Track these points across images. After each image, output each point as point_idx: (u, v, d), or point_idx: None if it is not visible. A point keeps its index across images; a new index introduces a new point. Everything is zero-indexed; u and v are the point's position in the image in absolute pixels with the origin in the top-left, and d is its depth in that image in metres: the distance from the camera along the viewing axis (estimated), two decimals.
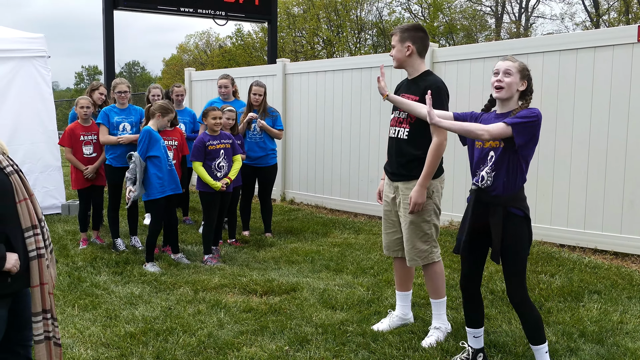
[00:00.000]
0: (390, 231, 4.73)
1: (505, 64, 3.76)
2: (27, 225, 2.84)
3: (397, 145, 4.56)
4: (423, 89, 4.38)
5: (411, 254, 4.52)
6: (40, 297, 2.89)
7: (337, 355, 4.22)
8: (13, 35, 9.31)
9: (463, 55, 8.27)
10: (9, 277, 2.78)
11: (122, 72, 72.43)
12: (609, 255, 6.81)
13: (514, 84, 3.74)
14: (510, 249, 3.73)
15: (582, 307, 5.12)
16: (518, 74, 3.75)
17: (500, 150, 3.73)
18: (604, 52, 6.89)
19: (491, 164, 3.76)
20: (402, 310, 4.82)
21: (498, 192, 3.74)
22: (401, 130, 4.53)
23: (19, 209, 2.83)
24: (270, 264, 6.66)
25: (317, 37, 38.92)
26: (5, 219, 2.77)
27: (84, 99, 7.42)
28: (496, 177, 3.74)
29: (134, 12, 12.90)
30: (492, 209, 3.75)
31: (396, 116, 4.59)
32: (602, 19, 34.47)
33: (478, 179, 3.82)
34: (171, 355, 4.21)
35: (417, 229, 4.47)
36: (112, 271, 6.32)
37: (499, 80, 3.74)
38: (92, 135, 7.30)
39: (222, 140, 6.76)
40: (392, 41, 4.55)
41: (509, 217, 3.73)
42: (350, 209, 9.77)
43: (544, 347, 3.81)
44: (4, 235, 2.77)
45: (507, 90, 3.73)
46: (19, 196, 2.83)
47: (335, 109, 9.98)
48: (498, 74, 3.75)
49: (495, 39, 35.06)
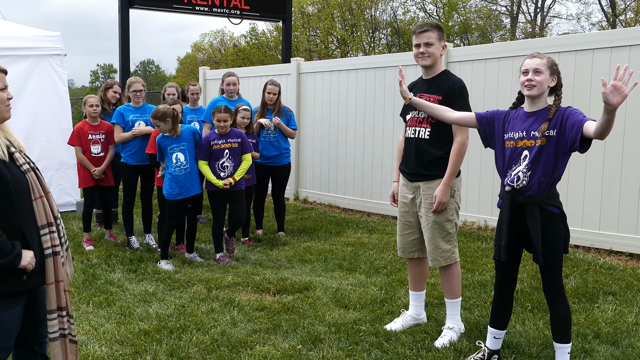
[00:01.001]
0: (407, 232, 4.71)
1: (534, 62, 3.70)
2: (42, 222, 2.85)
3: (417, 145, 4.52)
4: (446, 89, 4.40)
5: (434, 254, 4.50)
6: (55, 295, 2.90)
7: (350, 355, 4.22)
8: (30, 34, 9.39)
9: (478, 55, 8.24)
10: (24, 275, 2.79)
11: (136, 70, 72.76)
12: (624, 256, 6.76)
13: (545, 81, 3.70)
14: (551, 248, 3.70)
15: (597, 309, 5.08)
16: (548, 70, 3.71)
17: (537, 149, 3.68)
18: (620, 52, 6.84)
19: (526, 163, 3.71)
20: (416, 310, 4.81)
21: (533, 192, 3.70)
22: (422, 130, 4.50)
23: (34, 206, 2.83)
24: (283, 262, 6.67)
25: (332, 37, 38.86)
26: (21, 216, 2.78)
27: (93, 97, 7.43)
28: (532, 176, 3.70)
29: (150, 10, 12.95)
30: (529, 209, 3.70)
31: (415, 116, 4.55)
32: (618, 19, 34.18)
33: (512, 179, 3.77)
34: (185, 353, 4.23)
35: (440, 229, 4.46)
36: (126, 269, 6.36)
37: (529, 80, 3.69)
38: (100, 134, 7.29)
39: (228, 139, 6.71)
40: (424, 39, 4.41)
41: (546, 216, 3.69)
42: (363, 208, 9.76)
43: (568, 347, 3.81)
44: (20, 233, 2.77)
45: (538, 88, 3.69)
46: (34, 194, 2.84)
47: (349, 109, 9.97)
48: (528, 73, 3.70)
49: (510, 39, 34.87)
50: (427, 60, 4.47)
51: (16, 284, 2.78)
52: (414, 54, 4.53)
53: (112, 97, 8.14)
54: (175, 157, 6.55)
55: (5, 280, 2.75)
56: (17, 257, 2.72)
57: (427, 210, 4.49)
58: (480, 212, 8.22)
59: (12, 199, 2.74)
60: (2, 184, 2.71)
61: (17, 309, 2.84)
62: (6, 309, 2.78)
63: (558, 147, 3.64)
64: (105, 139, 7.31)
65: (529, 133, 3.72)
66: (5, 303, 2.78)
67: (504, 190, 3.86)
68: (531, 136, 3.71)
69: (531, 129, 3.71)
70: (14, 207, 2.75)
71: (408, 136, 4.61)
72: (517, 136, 3.77)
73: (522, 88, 3.76)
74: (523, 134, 3.75)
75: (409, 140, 4.60)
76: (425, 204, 4.50)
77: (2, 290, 2.76)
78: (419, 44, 4.45)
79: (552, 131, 3.64)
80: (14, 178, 2.76)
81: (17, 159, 2.85)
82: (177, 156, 6.55)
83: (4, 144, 2.81)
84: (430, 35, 4.41)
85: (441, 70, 4.55)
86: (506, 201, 3.80)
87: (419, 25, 4.50)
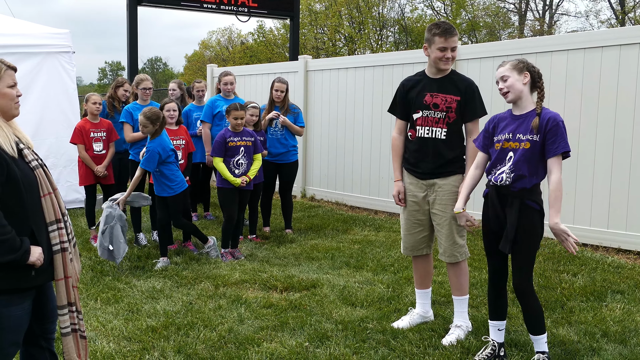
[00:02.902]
0: (417, 230, 4.67)
1: (499, 72, 3.92)
2: (51, 219, 2.87)
3: (434, 146, 4.47)
4: (464, 89, 4.42)
5: (451, 249, 4.51)
6: (65, 291, 2.92)
7: (357, 352, 4.22)
8: (39, 31, 9.43)
9: (486, 53, 8.21)
10: (33, 271, 2.80)
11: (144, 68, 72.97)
12: (633, 255, 6.73)
13: (515, 82, 3.85)
14: (524, 240, 3.84)
15: (605, 307, 5.07)
16: (514, 71, 3.86)
17: (521, 151, 3.81)
18: (630, 50, 6.80)
19: (511, 165, 3.86)
20: (423, 308, 4.80)
21: (515, 189, 3.84)
22: (437, 131, 4.46)
23: (43, 203, 2.85)
24: (290, 260, 6.67)
25: (339, 34, 38.85)
26: (30, 213, 2.79)
27: (95, 95, 7.44)
28: (515, 177, 3.84)
29: (158, 8, 12.97)
30: (510, 200, 3.85)
31: (430, 116, 4.47)
32: (627, 16, 34.01)
33: (497, 179, 3.91)
34: (192, 350, 4.24)
35: (457, 225, 4.46)
36: (134, 265, 6.38)
37: (500, 89, 3.90)
38: (102, 132, 7.30)
39: (243, 137, 6.77)
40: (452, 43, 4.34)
41: (525, 209, 3.83)
42: (370, 206, 9.75)
43: (544, 337, 3.95)
44: (28, 229, 2.78)
45: (512, 92, 3.86)
46: (43, 190, 2.85)
47: (356, 106, 9.96)
48: (498, 83, 3.91)
49: (518, 37, 34.77)
50: (450, 64, 4.44)
51: (25, 280, 2.80)
52: (437, 56, 4.38)
53: (122, 96, 8.15)
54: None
55: (14, 276, 2.76)
56: (26, 253, 2.73)
57: (444, 207, 4.48)
58: None
59: (21, 196, 2.76)
60: (11, 181, 2.72)
61: (25, 305, 2.85)
62: (15, 304, 2.80)
63: (540, 151, 3.80)
64: (107, 136, 7.33)
65: (515, 135, 3.87)
66: (14, 299, 2.79)
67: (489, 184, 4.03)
68: (516, 138, 3.86)
69: (517, 132, 3.86)
70: (23, 204, 2.76)
71: (421, 136, 4.52)
72: (504, 138, 3.92)
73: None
74: (510, 135, 3.89)
75: (423, 140, 4.52)
76: (443, 199, 4.48)
77: (11, 286, 2.77)
78: (446, 48, 4.36)
79: (536, 136, 3.79)
80: (23, 174, 2.77)
81: (25, 155, 2.86)
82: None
83: (12, 140, 2.82)
84: (456, 40, 4.40)
85: (449, 69, 4.53)
86: (490, 193, 3.98)
87: (448, 29, 4.37)
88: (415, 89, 4.56)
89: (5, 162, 2.71)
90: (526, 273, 3.88)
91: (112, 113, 7.96)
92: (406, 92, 4.62)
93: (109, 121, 7.47)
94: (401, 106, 4.66)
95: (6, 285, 2.76)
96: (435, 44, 4.38)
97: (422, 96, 4.50)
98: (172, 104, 7.00)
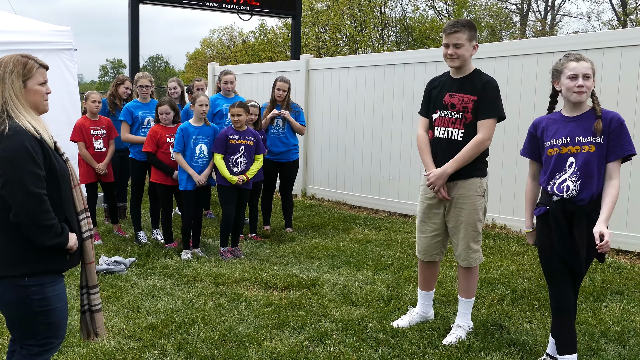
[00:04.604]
0: (432, 234, 4.58)
1: (582, 67, 3.58)
2: (80, 208, 3.06)
3: (450, 146, 4.38)
4: (480, 88, 4.31)
5: (465, 254, 4.43)
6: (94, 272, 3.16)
7: (357, 351, 4.23)
8: (41, 28, 9.42)
9: (488, 54, 8.21)
10: (68, 255, 2.97)
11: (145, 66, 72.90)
12: (632, 255, 6.74)
13: (592, 85, 3.61)
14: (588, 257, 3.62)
15: (605, 308, 5.07)
16: (594, 75, 3.62)
17: (585, 156, 3.56)
18: (630, 51, 6.81)
19: (574, 171, 3.60)
20: (424, 309, 4.79)
21: (584, 202, 3.58)
22: (454, 131, 4.38)
23: (74, 193, 3.04)
24: (290, 259, 6.68)
25: (341, 34, 38.83)
26: (65, 202, 2.96)
27: (95, 93, 7.44)
28: (582, 185, 3.57)
29: (159, 6, 12.98)
30: (577, 219, 3.58)
31: (447, 116, 4.40)
32: (629, 18, 33.99)
33: (560, 189, 3.63)
34: (192, 348, 4.24)
35: (473, 229, 4.40)
36: (134, 263, 6.39)
37: (580, 86, 3.57)
38: (101, 129, 7.30)
39: (245, 136, 6.77)
40: (453, 39, 4.29)
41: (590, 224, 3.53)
42: (371, 205, 9.76)
43: None
44: (63, 217, 2.95)
45: (588, 93, 3.60)
46: (74, 181, 3.05)
47: (357, 106, 9.97)
48: (577, 78, 3.58)
49: (520, 37, 34.76)
50: (456, 62, 4.35)
51: (63, 262, 2.97)
52: (443, 54, 4.40)
53: (123, 93, 8.16)
54: (199, 148, 6.69)
55: (55, 259, 2.93)
56: (66, 239, 2.91)
57: (459, 211, 4.41)
58: (489, 210, 8.17)
59: (59, 186, 2.92)
60: (52, 172, 2.89)
61: (61, 285, 3.02)
62: (58, 282, 2.98)
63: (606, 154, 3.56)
64: (107, 134, 7.33)
65: (574, 138, 3.60)
66: (56, 278, 2.97)
67: (548, 198, 3.72)
68: (576, 142, 3.59)
69: (575, 135, 3.60)
70: (60, 193, 2.93)
71: (437, 136, 4.46)
72: (560, 142, 3.65)
73: (569, 93, 3.62)
74: (567, 139, 3.62)
75: (439, 140, 4.45)
76: (458, 203, 4.41)
77: (53, 267, 2.94)
78: (447, 44, 4.33)
79: (600, 138, 3.55)
80: (60, 166, 2.96)
81: (59, 148, 3.05)
82: (201, 148, 6.70)
83: (50, 133, 2.97)
84: (459, 37, 4.29)
85: (472, 70, 4.43)
86: (555, 210, 3.64)
87: (450, 24, 4.35)
88: (437, 89, 4.51)
89: (49, 153, 2.89)
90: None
91: (113, 111, 7.98)
92: (429, 91, 4.58)
93: (108, 118, 7.47)
94: (425, 105, 4.61)
95: (52, 266, 2.93)
96: (443, 41, 4.39)
97: (441, 96, 4.44)
98: (165, 107, 6.91)
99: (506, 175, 7.92)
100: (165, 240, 7.15)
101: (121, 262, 6.19)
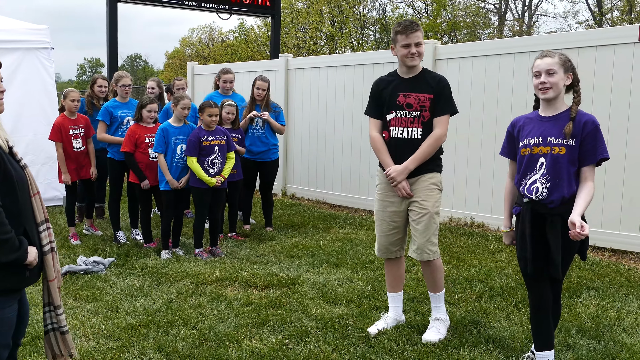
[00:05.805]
0: (393, 232, 4.59)
1: (545, 63, 3.53)
2: (41, 219, 2.77)
3: (411, 146, 4.40)
4: (435, 85, 4.38)
5: (425, 247, 4.41)
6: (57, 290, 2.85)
7: (337, 349, 4.25)
8: (17, 27, 9.33)
9: (465, 53, 8.29)
10: (27, 271, 2.71)
11: (124, 65, 72.42)
12: (608, 252, 6.84)
13: (560, 81, 3.52)
14: (566, 260, 3.58)
15: (580, 304, 5.15)
16: (561, 69, 3.52)
17: (554, 157, 3.51)
18: (605, 51, 6.91)
19: (543, 172, 3.56)
20: (396, 312, 4.74)
21: (556, 204, 3.52)
22: (414, 130, 4.40)
23: (33, 202, 2.75)
24: (270, 258, 6.69)
25: (320, 33, 38.86)
26: (23, 212, 2.69)
27: (74, 91, 7.35)
28: (551, 187, 3.53)
29: (138, 4, 12.91)
30: (550, 220, 3.53)
31: (404, 116, 4.42)
32: (605, 17, 34.41)
33: (530, 191, 3.59)
34: (172, 347, 4.24)
35: (432, 222, 4.41)
36: (113, 263, 6.36)
37: (542, 82, 3.51)
38: (80, 128, 7.24)
39: (217, 136, 6.73)
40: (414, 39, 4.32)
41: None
42: (350, 204, 9.80)
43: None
44: (22, 229, 2.68)
45: (554, 90, 3.52)
46: (32, 189, 2.75)
47: (337, 105, 10.00)
48: (540, 75, 3.53)
49: (497, 37, 35.03)
50: (417, 60, 4.40)
51: (19, 280, 2.71)
52: (403, 54, 4.39)
53: (99, 92, 8.10)
54: (180, 148, 6.69)
55: (10, 276, 2.67)
56: (24, 253, 2.64)
57: (421, 202, 4.41)
58: (467, 208, 8.28)
59: (16, 194, 2.65)
60: (7, 179, 2.61)
61: (15, 306, 2.77)
62: (8, 305, 2.71)
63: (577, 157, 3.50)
64: (85, 132, 7.28)
65: (546, 139, 3.54)
66: (8, 300, 2.70)
67: (521, 199, 3.69)
68: (547, 142, 3.53)
69: (547, 135, 3.54)
70: (17, 203, 2.65)
71: (395, 137, 4.47)
72: (532, 142, 3.60)
73: (537, 91, 3.58)
74: (539, 139, 3.57)
75: (399, 140, 4.46)
76: (420, 195, 4.42)
77: (6, 286, 2.68)
78: (409, 44, 4.34)
79: (571, 140, 3.49)
80: (16, 173, 2.66)
81: (15, 153, 2.76)
82: (182, 148, 6.70)
83: (4, 137, 2.70)
84: (419, 35, 4.35)
85: (421, 68, 4.50)
86: (526, 212, 3.61)
87: (408, 25, 4.37)
88: (388, 90, 4.51)
89: (2, 159, 2.60)
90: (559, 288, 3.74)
91: (90, 111, 7.91)
92: (379, 92, 4.57)
93: (86, 117, 7.42)
94: (375, 106, 4.61)
95: (6, 285, 2.67)
96: (398, 42, 4.40)
97: (395, 96, 4.45)
98: (154, 105, 6.92)
99: (484, 173, 8.00)
100: (145, 240, 7.13)
101: (100, 262, 6.16)
